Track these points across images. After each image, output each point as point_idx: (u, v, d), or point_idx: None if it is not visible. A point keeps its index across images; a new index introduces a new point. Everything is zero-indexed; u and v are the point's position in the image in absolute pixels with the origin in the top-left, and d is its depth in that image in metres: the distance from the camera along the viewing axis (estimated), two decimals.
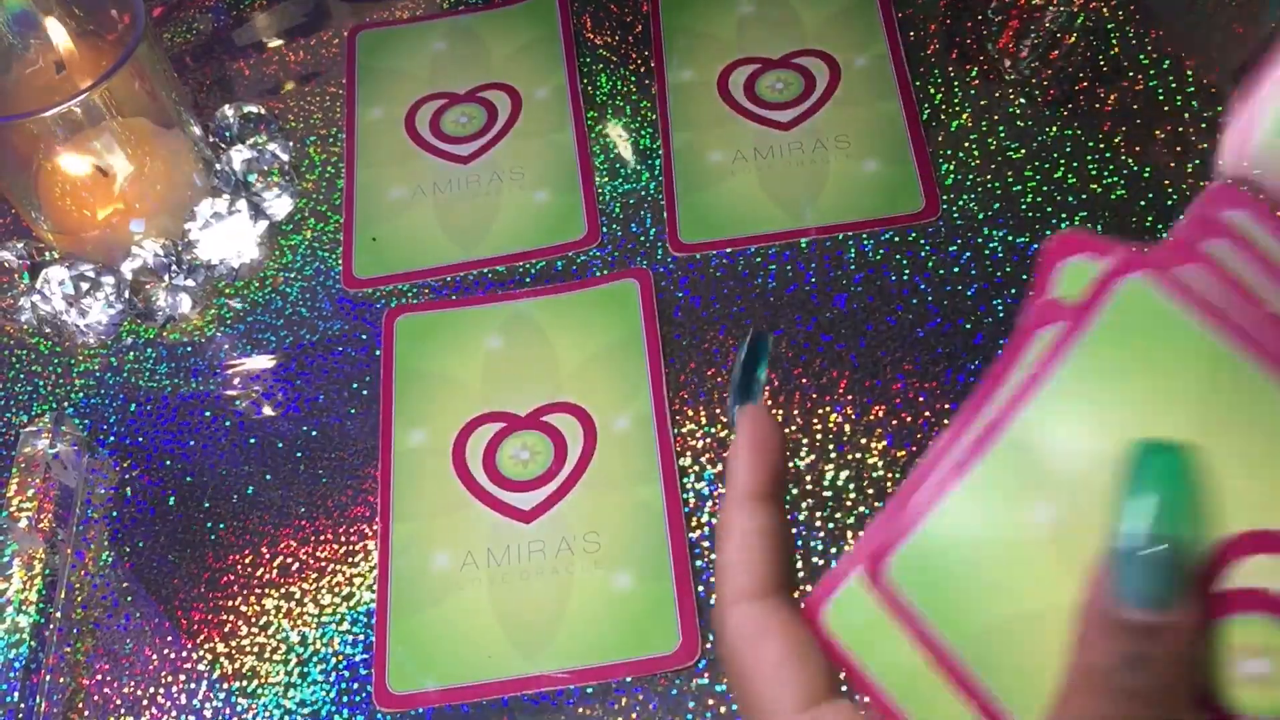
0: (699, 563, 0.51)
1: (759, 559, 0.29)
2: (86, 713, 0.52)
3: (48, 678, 0.52)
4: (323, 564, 0.54)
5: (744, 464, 0.30)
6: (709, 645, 0.50)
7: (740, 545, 0.29)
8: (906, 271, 0.58)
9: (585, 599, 0.51)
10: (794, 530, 0.52)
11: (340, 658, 0.52)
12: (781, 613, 0.28)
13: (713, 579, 0.50)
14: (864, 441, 0.54)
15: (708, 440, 0.55)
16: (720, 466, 0.54)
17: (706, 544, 0.52)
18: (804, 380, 0.56)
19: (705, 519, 0.53)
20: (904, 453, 0.53)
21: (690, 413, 0.55)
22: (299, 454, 0.57)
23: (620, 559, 0.52)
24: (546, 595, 0.51)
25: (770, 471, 0.30)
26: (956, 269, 0.57)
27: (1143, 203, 0.58)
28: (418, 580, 0.53)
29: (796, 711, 0.27)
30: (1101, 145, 0.60)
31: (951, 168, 0.61)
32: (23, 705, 0.51)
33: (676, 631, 0.50)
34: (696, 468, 0.54)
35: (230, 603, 0.54)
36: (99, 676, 0.53)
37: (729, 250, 0.60)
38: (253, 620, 0.53)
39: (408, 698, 0.50)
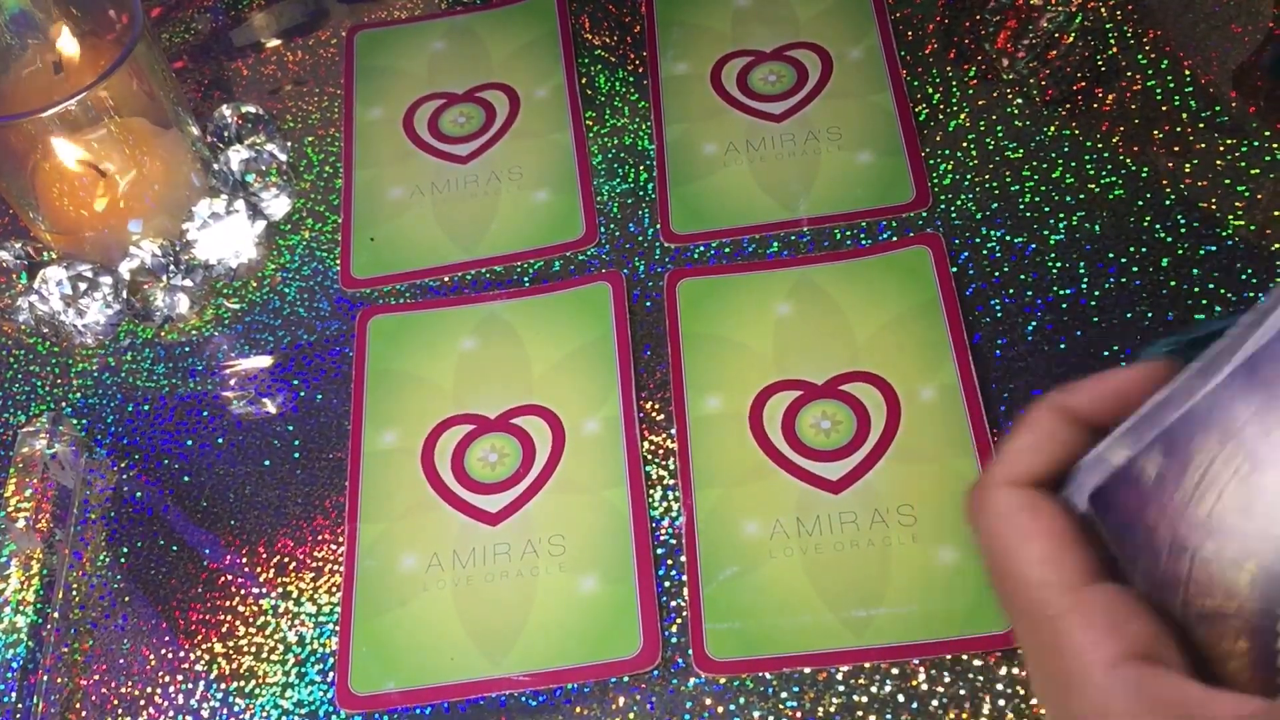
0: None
1: (1050, 458, 0.29)
2: (84, 713, 0.52)
3: (45, 678, 0.52)
4: (320, 564, 0.54)
5: (1093, 386, 0.30)
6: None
7: (1039, 439, 0.30)
8: None
9: (549, 602, 0.51)
10: None
11: (338, 658, 0.52)
12: (1054, 501, 0.29)
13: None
14: None
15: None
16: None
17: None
18: None
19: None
20: None
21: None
22: (297, 454, 0.57)
23: (585, 562, 0.52)
24: (511, 598, 0.51)
25: (1109, 408, 0.30)
26: (954, 269, 0.57)
27: (1140, 203, 0.58)
28: (384, 581, 0.53)
29: (1070, 589, 0.27)
30: (1099, 145, 0.60)
31: (949, 168, 0.61)
32: (20, 705, 0.51)
33: (638, 635, 0.50)
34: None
35: (228, 603, 0.54)
36: (96, 677, 0.53)
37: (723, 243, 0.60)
38: (250, 620, 0.53)
39: (370, 699, 0.50)
